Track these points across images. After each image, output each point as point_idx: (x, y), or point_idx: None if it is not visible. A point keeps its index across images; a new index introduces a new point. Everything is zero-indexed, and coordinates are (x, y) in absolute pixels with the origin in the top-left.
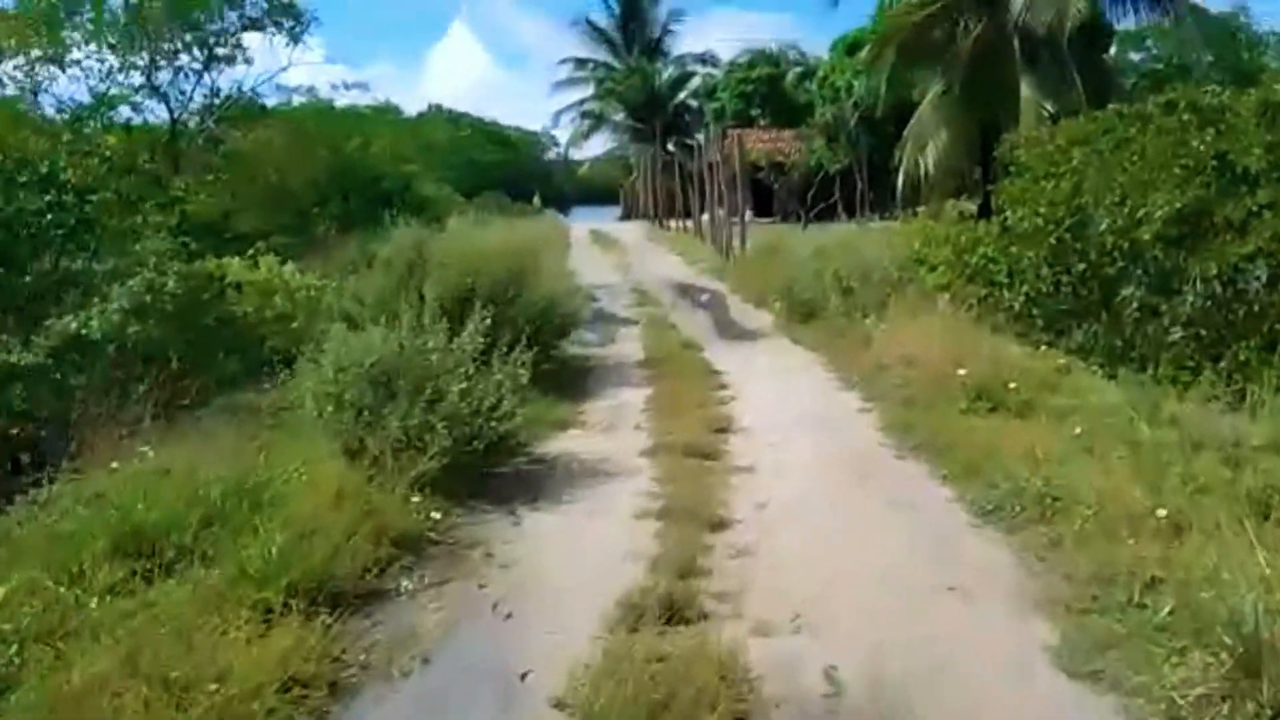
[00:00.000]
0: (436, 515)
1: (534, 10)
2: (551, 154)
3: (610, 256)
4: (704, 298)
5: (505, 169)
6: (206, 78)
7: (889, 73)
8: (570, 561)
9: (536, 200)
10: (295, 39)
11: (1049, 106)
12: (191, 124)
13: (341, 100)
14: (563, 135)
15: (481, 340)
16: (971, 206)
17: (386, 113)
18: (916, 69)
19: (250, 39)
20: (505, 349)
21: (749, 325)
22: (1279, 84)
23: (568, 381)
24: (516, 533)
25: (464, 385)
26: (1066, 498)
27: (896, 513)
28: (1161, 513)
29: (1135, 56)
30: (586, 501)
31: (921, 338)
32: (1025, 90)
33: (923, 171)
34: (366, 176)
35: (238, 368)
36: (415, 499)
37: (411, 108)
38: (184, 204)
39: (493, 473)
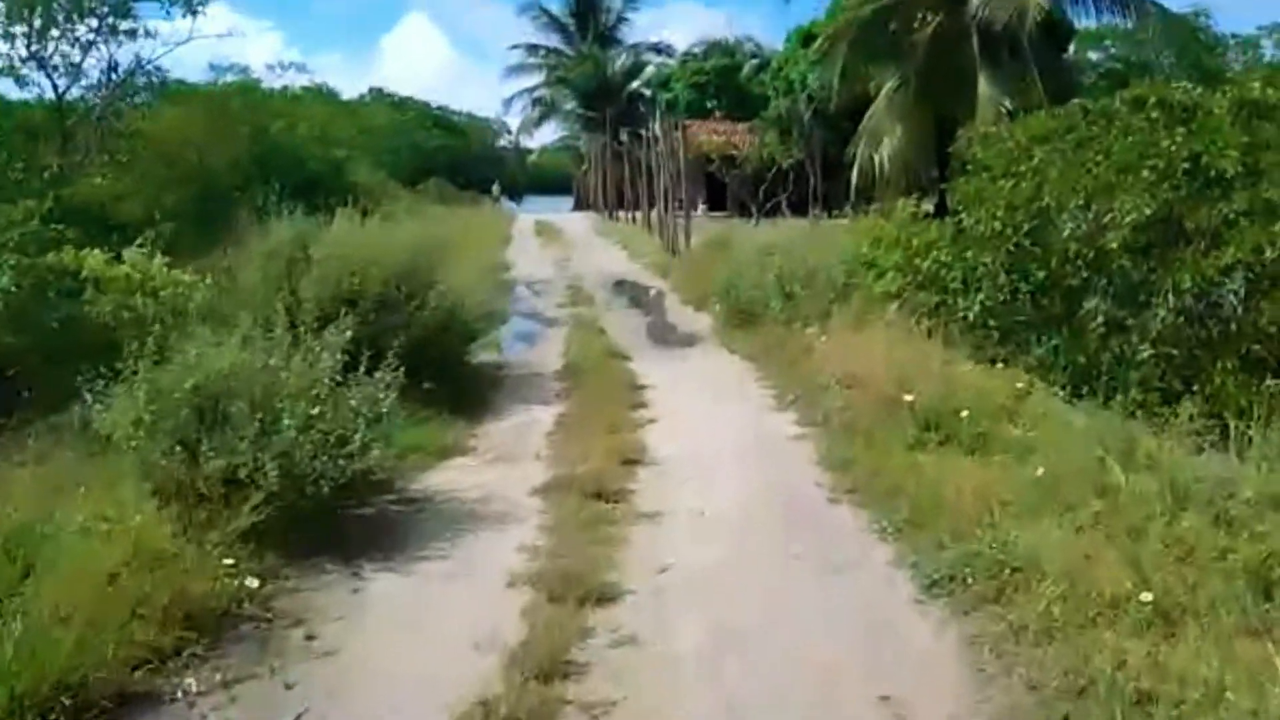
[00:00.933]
0: (253, 582)
1: None
2: (504, 141)
3: (552, 249)
4: (642, 297)
5: (453, 155)
6: (104, 50)
7: (842, 65)
8: (410, 649)
9: (496, 189)
10: (192, 10)
11: (1008, 104)
12: (88, 100)
13: (277, 82)
14: (515, 123)
15: (343, 354)
16: (927, 206)
17: (321, 95)
18: (871, 62)
19: (149, 9)
20: (381, 363)
21: (685, 329)
22: (1255, 82)
23: (470, 395)
24: (354, 603)
25: (311, 411)
26: (1028, 567)
27: (826, 583)
28: (1146, 597)
29: (1094, 56)
30: (451, 559)
31: (866, 352)
32: (983, 86)
33: (877, 167)
34: (291, 160)
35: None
36: (232, 559)
37: (359, 94)
38: (60, 186)
39: (348, 515)
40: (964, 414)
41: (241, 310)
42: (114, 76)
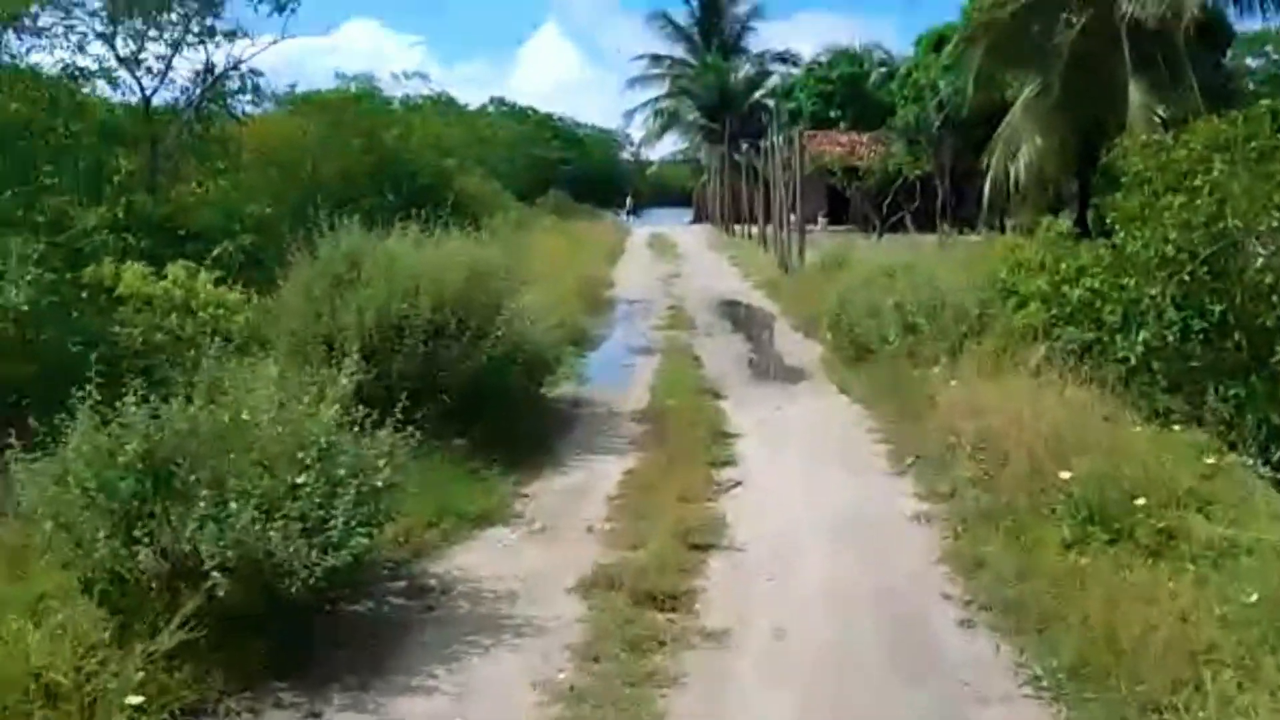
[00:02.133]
0: None
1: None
2: (626, 153)
3: (662, 264)
4: (747, 320)
5: (574, 167)
6: (197, 51)
7: (977, 70)
8: None
9: (630, 202)
10: (280, 8)
11: (1161, 112)
12: (177, 104)
13: (399, 91)
14: (637, 135)
15: (351, 403)
16: (1064, 223)
17: (439, 104)
18: (1009, 67)
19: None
20: (421, 407)
21: (791, 359)
22: None
23: (532, 439)
24: None
25: (298, 480)
26: None
27: None
28: None
29: (1253, 62)
30: (443, 694)
31: (1005, 402)
32: (1134, 93)
33: (1012, 181)
34: (403, 170)
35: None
36: (154, 685)
37: (481, 104)
38: (137, 193)
39: (338, 613)
40: (1140, 501)
41: (283, 336)
42: (206, 79)
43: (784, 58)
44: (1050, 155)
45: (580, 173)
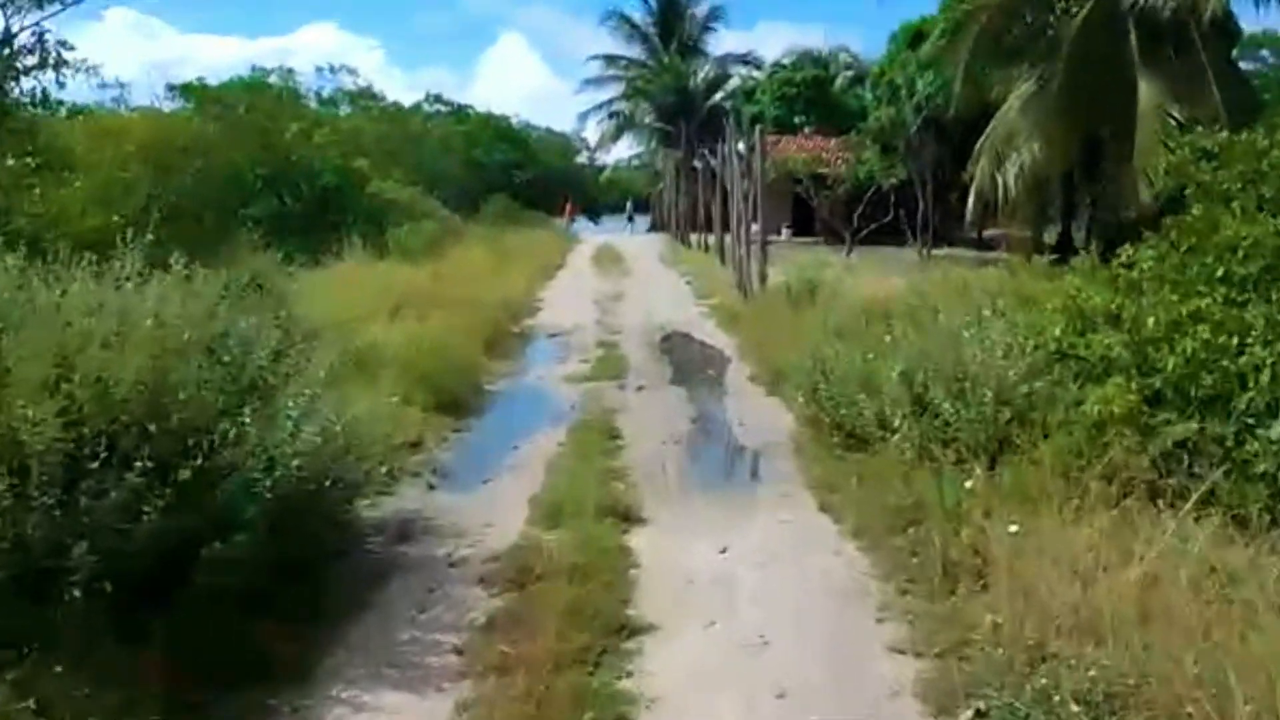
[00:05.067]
0: None
1: (586, 15)
2: (582, 158)
3: (605, 282)
4: (694, 365)
5: (526, 171)
6: None
7: (966, 65)
8: None
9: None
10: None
11: (1177, 113)
12: None
13: (326, 88)
14: (593, 138)
15: None
16: (1049, 239)
17: (363, 99)
18: (999, 62)
19: None
20: None
21: (748, 438)
22: None
23: (282, 636)
24: None
25: None
26: None
27: None
28: None
29: (1246, 66)
30: None
31: (1119, 588)
32: (1145, 91)
33: (1000, 190)
34: (304, 172)
35: None
36: None
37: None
38: None
39: None
40: None
41: None
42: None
43: (746, 60)
44: (1049, 161)
45: (530, 177)
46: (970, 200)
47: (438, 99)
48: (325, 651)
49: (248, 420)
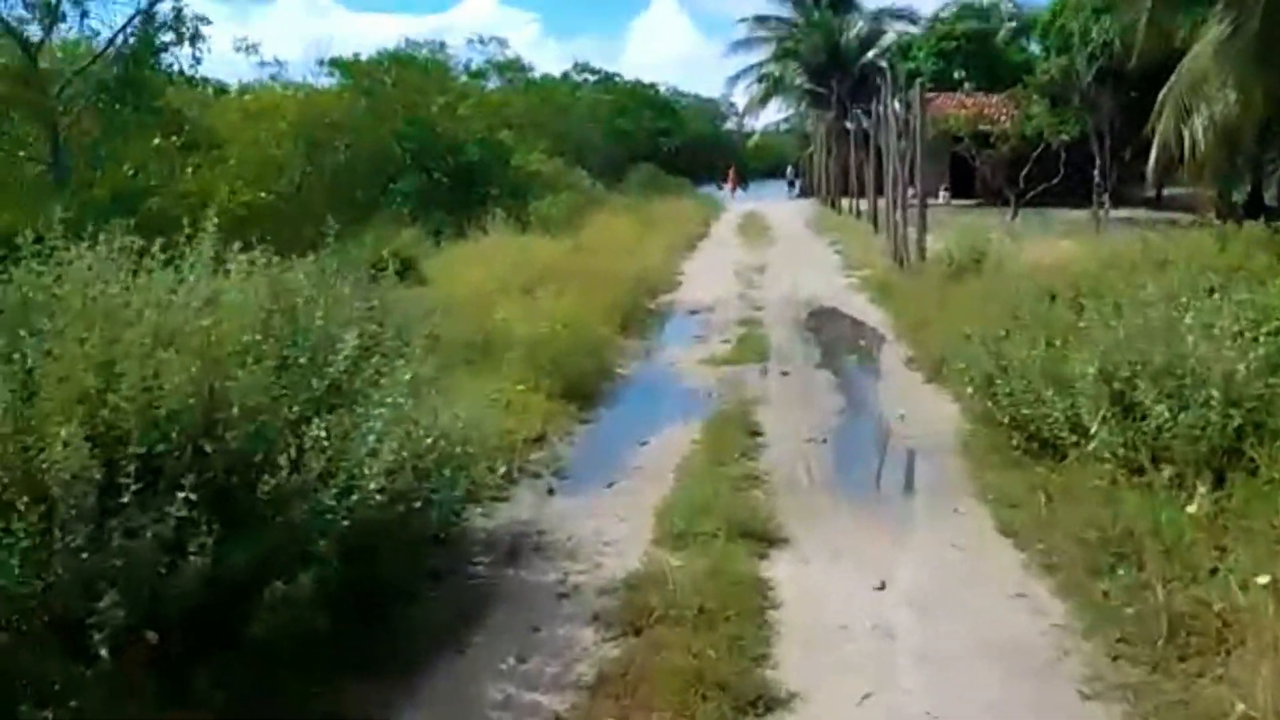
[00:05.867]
0: None
1: None
2: (731, 124)
3: (749, 253)
4: (844, 348)
5: (673, 139)
6: None
7: (1149, 8)
8: None
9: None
10: None
11: None
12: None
13: (476, 60)
14: (742, 103)
15: None
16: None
17: (512, 69)
18: (1185, 5)
19: None
20: None
21: (907, 438)
22: None
23: (379, 668)
24: None
25: None
26: None
27: None
28: None
29: None
30: None
31: None
32: None
33: (1187, 146)
34: (448, 145)
35: None
36: None
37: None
38: None
39: None
40: None
41: None
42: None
43: (901, 14)
44: (1244, 110)
45: (680, 146)
46: (1152, 157)
47: (585, 68)
48: (399, 711)
49: (323, 434)
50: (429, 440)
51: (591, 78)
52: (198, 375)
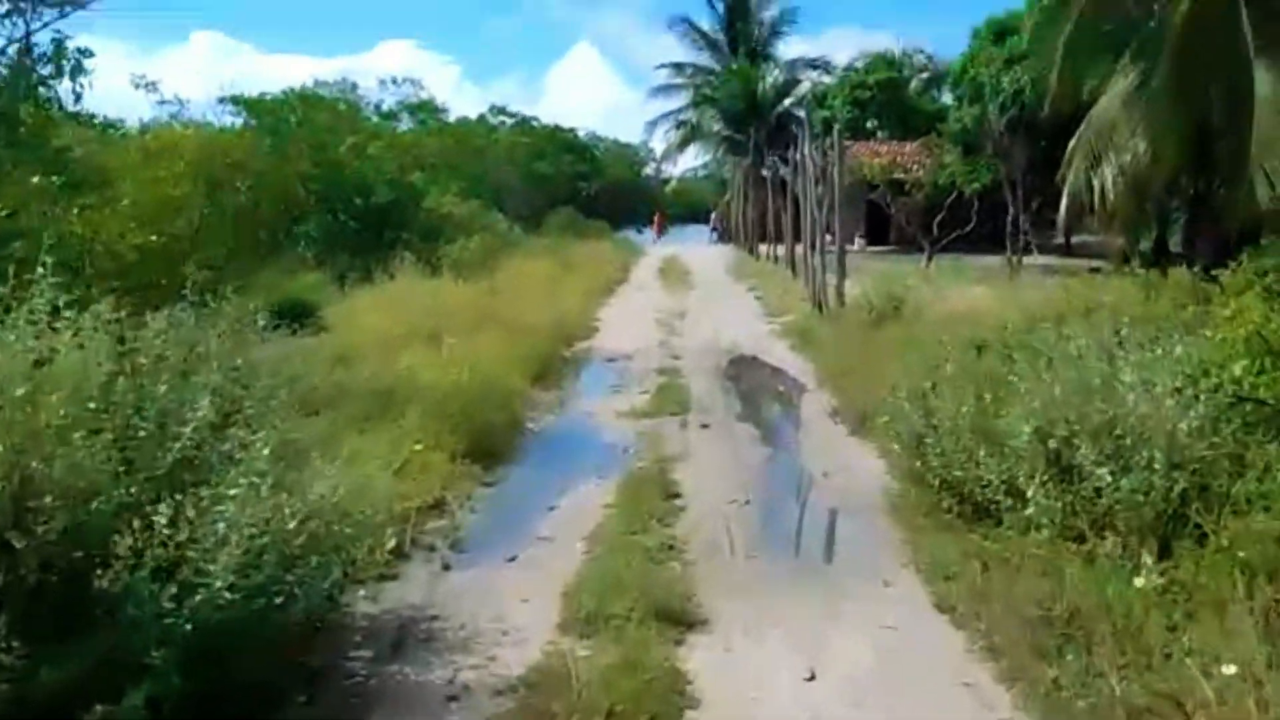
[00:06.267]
0: None
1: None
2: (649, 169)
3: (668, 298)
4: (765, 396)
5: (592, 183)
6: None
7: (1063, 57)
8: None
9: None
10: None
11: None
12: None
13: (389, 99)
14: (660, 148)
15: None
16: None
17: (425, 111)
18: (1095, 57)
19: None
20: None
21: (834, 497)
22: None
23: None
24: None
25: None
26: None
27: None
28: None
29: None
30: None
31: None
32: (1263, 79)
33: (1097, 193)
34: (358, 186)
35: None
36: None
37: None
38: None
39: None
40: None
41: None
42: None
43: (816, 64)
44: (1154, 159)
45: (599, 190)
46: (1063, 204)
47: (501, 110)
48: None
49: (164, 520)
50: (295, 522)
51: (508, 120)
52: (4, 455)
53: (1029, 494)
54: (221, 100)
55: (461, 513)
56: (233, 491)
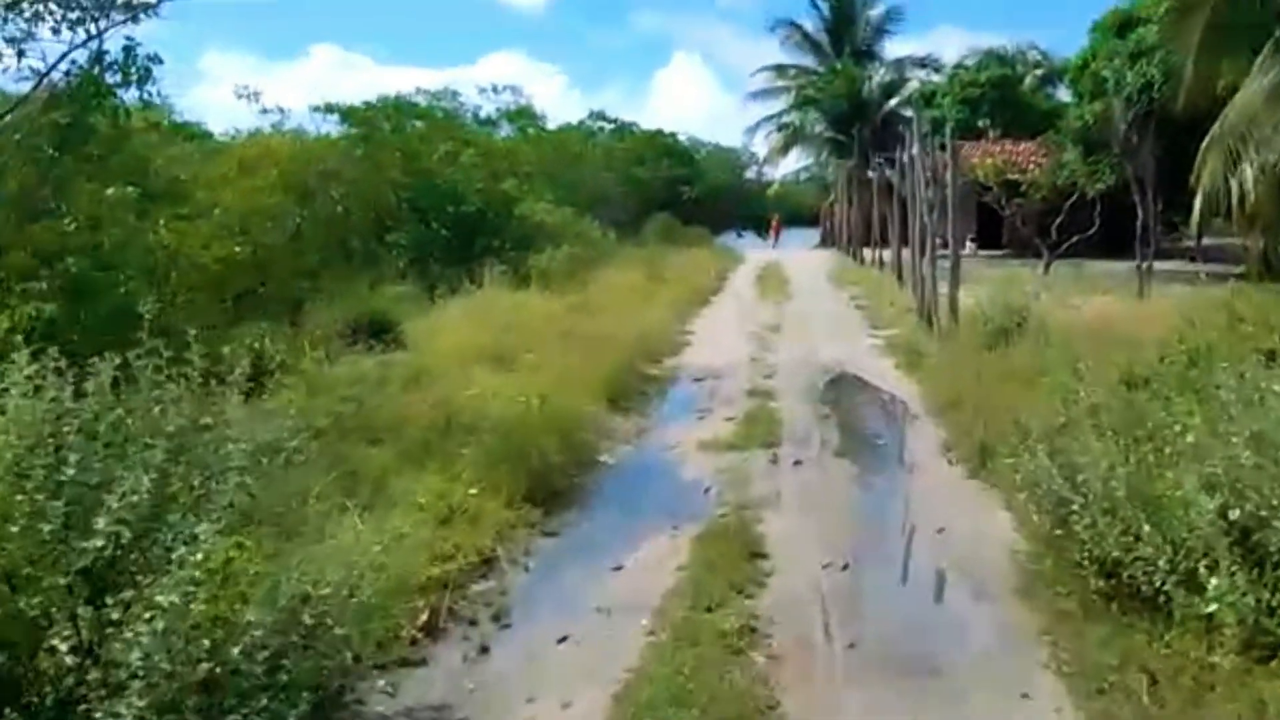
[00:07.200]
0: None
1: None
2: (751, 173)
3: (764, 309)
4: (867, 427)
5: (692, 188)
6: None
7: (1198, 48)
8: None
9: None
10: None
11: None
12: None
13: (489, 107)
14: (761, 152)
15: None
16: None
17: (523, 118)
18: (1232, 47)
19: None
20: None
21: (951, 563)
22: None
23: None
24: None
25: None
26: None
27: None
28: None
29: None
30: None
31: None
32: None
33: (1235, 194)
34: (449, 195)
35: None
36: None
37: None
38: None
39: None
40: None
41: None
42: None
43: (924, 63)
44: None
45: (699, 194)
46: (1196, 206)
47: (600, 116)
48: None
49: (72, 636)
50: (258, 632)
51: (607, 126)
52: None
53: (1209, 587)
54: (316, 109)
55: (513, 572)
56: (152, 610)
